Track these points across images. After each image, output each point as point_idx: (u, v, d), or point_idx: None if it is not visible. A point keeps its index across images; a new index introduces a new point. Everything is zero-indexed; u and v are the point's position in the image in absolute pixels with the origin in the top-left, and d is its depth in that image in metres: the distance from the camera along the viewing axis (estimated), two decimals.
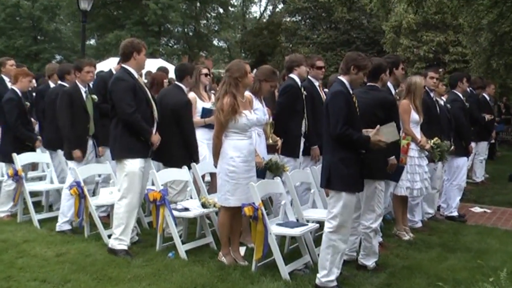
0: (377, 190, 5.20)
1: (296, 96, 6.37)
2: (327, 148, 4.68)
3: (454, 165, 7.84)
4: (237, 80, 5.13)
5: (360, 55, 4.73)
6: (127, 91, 5.48)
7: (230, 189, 5.14)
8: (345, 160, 4.55)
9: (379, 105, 5.20)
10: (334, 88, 4.65)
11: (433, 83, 7.19)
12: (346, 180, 4.56)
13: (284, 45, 32.67)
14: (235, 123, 5.09)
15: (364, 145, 4.58)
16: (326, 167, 4.64)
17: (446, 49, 21.07)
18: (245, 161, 5.19)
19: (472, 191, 9.82)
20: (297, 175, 5.93)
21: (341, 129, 4.45)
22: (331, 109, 4.53)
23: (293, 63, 6.48)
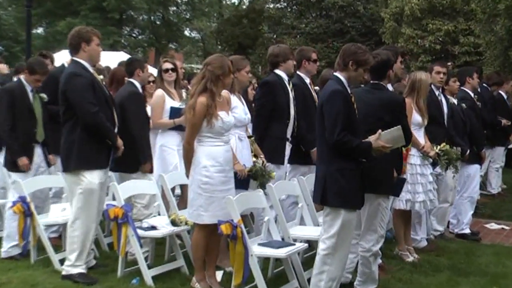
0: (381, 207, 5.24)
1: (276, 93, 6.44)
2: (322, 157, 4.72)
3: (465, 174, 7.90)
4: (218, 78, 5.18)
5: (361, 48, 4.78)
6: (86, 88, 5.47)
7: (203, 203, 5.16)
8: (343, 171, 4.60)
9: (386, 107, 5.22)
10: (330, 87, 4.70)
11: (439, 78, 7.24)
12: (345, 195, 4.60)
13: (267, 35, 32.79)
14: (210, 127, 5.13)
15: (366, 153, 4.64)
16: (320, 179, 4.68)
17: (456, 40, 21.27)
18: (221, 170, 5.21)
19: (487, 204, 9.95)
20: (282, 187, 5.97)
21: (339, 135, 4.49)
22: (327, 112, 4.57)
23: (277, 57, 6.55)
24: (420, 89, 6.50)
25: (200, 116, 5.08)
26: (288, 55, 6.56)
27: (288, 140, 6.54)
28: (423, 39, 21.50)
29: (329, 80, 4.88)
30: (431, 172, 6.63)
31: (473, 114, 7.97)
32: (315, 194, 4.84)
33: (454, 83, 7.65)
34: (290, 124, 6.54)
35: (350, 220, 4.68)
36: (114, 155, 5.72)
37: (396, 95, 5.68)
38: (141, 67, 6.51)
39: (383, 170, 5.16)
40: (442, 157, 6.71)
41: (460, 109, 7.64)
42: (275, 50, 6.63)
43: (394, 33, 22.06)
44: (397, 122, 5.01)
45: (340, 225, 4.63)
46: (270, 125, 6.41)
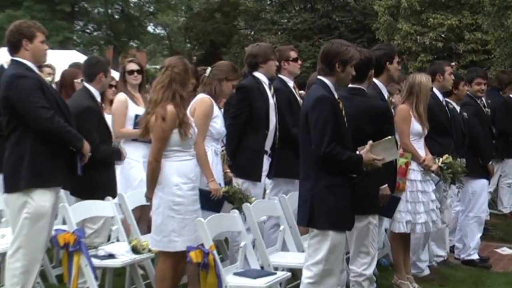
0: (371, 225, 5.32)
1: (254, 99, 6.47)
2: (307, 173, 4.76)
3: (469, 190, 7.91)
4: (185, 82, 5.27)
5: (342, 45, 4.84)
6: (34, 91, 5.30)
7: (177, 227, 5.18)
8: (332, 188, 4.66)
9: (367, 116, 5.32)
10: (315, 92, 4.76)
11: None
12: (334, 215, 4.65)
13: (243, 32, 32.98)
14: (182, 139, 5.17)
15: (356, 167, 4.70)
16: (306, 198, 4.72)
17: (461, 36, 21.56)
18: (193, 188, 5.26)
19: (498, 225, 9.99)
20: (261, 207, 5.99)
21: (328, 147, 4.55)
22: (313, 121, 4.63)
23: (256, 58, 6.59)
24: (419, 93, 6.55)
25: (172, 128, 5.12)
26: (268, 55, 6.60)
27: (266, 153, 6.57)
28: (422, 35, 21.76)
29: (313, 85, 4.95)
30: (434, 188, 6.68)
31: (477, 121, 8.03)
32: (300, 215, 4.87)
33: (464, 88, 7.76)
34: (270, 135, 6.57)
35: (339, 242, 4.73)
36: (81, 163, 5.65)
37: (377, 102, 5.71)
38: (105, 72, 6.43)
39: (371, 188, 5.24)
40: (446, 171, 6.75)
41: (462, 118, 7.70)
42: (254, 49, 6.67)
43: (389, 29, 22.29)
44: (381, 132, 5.10)
45: (328, 249, 4.67)
46: (246, 136, 6.44)
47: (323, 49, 4.91)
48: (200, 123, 5.73)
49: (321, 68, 4.86)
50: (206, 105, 5.92)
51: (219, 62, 6.53)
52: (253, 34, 33.52)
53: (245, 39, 33.55)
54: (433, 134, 6.83)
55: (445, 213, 7.40)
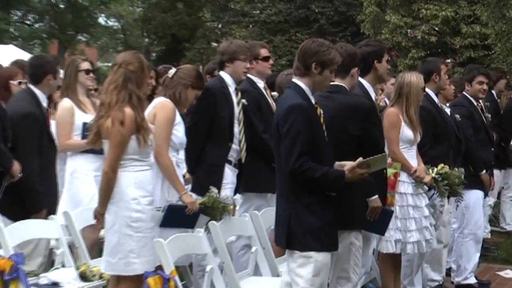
0: (353, 247, 5.33)
1: (218, 104, 6.48)
2: (284, 190, 4.81)
3: (462, 203, 7.91)
4: (141, 82, 5.26)
5: (323, 45, 4.90)
6: None
7: (135, 247, 5.14)
8: (312, 207, 4.71)
9: (349, 115, 5.35)
10: (288, 99, 4.80)
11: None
12: (316, 235, 4.71)
13: (209, 25, 33.01)
14: (140, 147, 5.15)
15: (334, 184, 4.76)
16: (283, 218, 4.77)
17: (457, 29, 21.75)
18: (151, 202, 5.26)
19: (501, 245, 10.09)
20: (230, 225, 5.99)
21: (296, 163, 4.60)
22: (284, 132, 4.68)
23: (222, 55, 6.61)
24: (409, 95, 6.60)
25: (130, 133, 5.11)
26: (236, 53, 6.59)
27: (231, 163, 6.58)
28: (413, 29, 21.93)
29: (286, 90, 4.99)
30: (427, 203, 6.71)
31: (469, 124, 8.10)
32: (278, 235, 4.91)
33: (449, 87, 7.79)
34: (235, 147, 6.59)
35: (324, 264, 4.78)
36: (6, 183, 5.61)
37: (362, 99, 5.76)
38: (54, 73, 6.42)
39: (354, 199, 5.25)
40: (441, 183, 6.77)
41: (454, 121, 7.78)
42: (222, 46, 6.78)
43: (376, 22, 22.44)
44: (366, 135, 5.17)
45: (312, 272, 4.72)
46: (205, 148, 6.46)
47: (301, 46, 4.96)
48: (163, 130, 5.74)
49: (296, 66, 4.91)
50: (169, 109, 5.91)
51: (185, 65, 6.54)
52: (220, 27, 33.57)
53: (212, 32, 33.64)
54: (431, 141, 6.92)
55: (442, 231, 7.44)
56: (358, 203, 5.41)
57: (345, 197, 5.01)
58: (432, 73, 7.26)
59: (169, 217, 5.59)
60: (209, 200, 5.86)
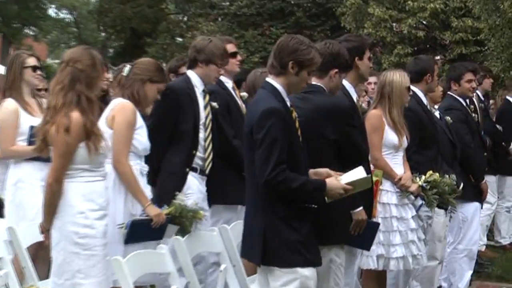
0: (333, 264, 5.34)
1: (182, 106, 6.46)
2: (257, 202, 4.80)
3: (459, 216, 8.05)
4: (93, 82, 5.21)
5: (303, 43, 4.91)
6: None
7: (83, 266, 5.10)
8: (290, 220, 4.73)
9: (326, 117, 5.37)
10: (263, 102, 4.79)
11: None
12: (296, 249, 4.73)
13: (173, 18, 32.96)
14: (90, 155, 5.11)
15: (314, 195, 4.78)
16: (257, 232, 4.78)
17: (447, 23, 21.91)
18: (102, 216, 5.21)
19: (495, 260, 10.20)
20: (196, 241, 5.98)
21: (271, 173, 4.61)
22: (258, 139, 4.68)
23: (199, 53, 6.56)
24: (392, 95, 6.64)
25: (77, 140, 5.06)
26: (214, 57, 6.55)
27: (196, 171, 6.55)
28: (399, 22, 22.05)
29: (259, 90, 4.99)
30: (414, 215, 6.73)
31: (464, 128, 8.17)
32: (249, 250, 4.92)
33: (437, 88, 7.79)
34: (200, 155, 6.56)
35: (311, 280, 4.80)
36: None
37: (340, 100, 5.76)
38: None
39: (335, 210, 5.23)
40: (430, 192, 6.79)
41: (445, 125, 7.82)
42: (202, 42, 6.67)
43: (358, 15, 22.55)
44: (345, 139, 5.20)
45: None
46: (166, 155, 6.44)
47: (278, 42, 4.97)
48: (122, 135, 5.69)
49: (271, 64, 4.92)
50: (128, 112, 5.84)
51: (141, 59, 6.47)
52: (186, 20, 33.56)
53: (176, 26, 33.59)
54: (417, 145, 6.94)
55: (437, 246, 7.47)
56: (338, 216, 5.40)
57: (323, 209, 4.99)
58: (426, 73, 7.29)
59: (134, 233, 5.58)
60: (176, 209, 5.85)
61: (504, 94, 11.33)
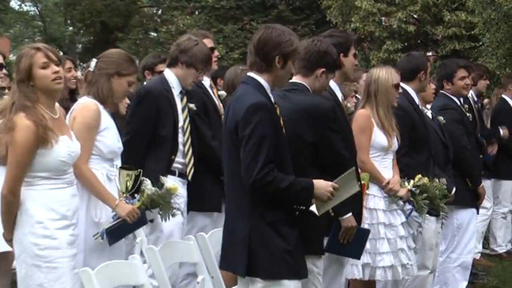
0: (311, 274, 5.35)
1: (161, 109, 6.47)
2: (241, 205, 4.81)
3: (453, 223, 8.12)
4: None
5: (283, 34, 4.93)
6: None
7: (45, 280, 5.06)
8: (279, 226, 4.74)
9: (305, 118, 5.40)
10: (248, 97, 4.81)
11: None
12: (285, 259, 4.74)
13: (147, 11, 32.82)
14: (43, 160, 5.06)
15: (303, 196, 4.80)
16: (241, 239, 4.77)
17: (439, 17, 21.93)
18: (66, 226, 5.16)
19: (491, 270, 10.23)
20: (171, 250, 5.98)
21: (260, 173, 4.61)
22: (245, 136, 4.69)
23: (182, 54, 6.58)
24: (377, 93, 6.70)
25: (29, 145, 4.98)
26: (197, 61, 6.54)
27: (175, 174, 6.56)
28: (388, 16, 22.07)
29: (241, 85, 5.01)
30: (403, 221, 6.76)
31: (461, 129, 8.22)
32: (231, 261, 4.91)
33: (430, 85, 7.83)
34: (179, 160, 6.59)
35: None
36: None
37: (321, 100, 5.78)
38: None
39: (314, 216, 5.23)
40: (419, 197, 6.81)
41: (438, 125, 7.86)
42: (185, 42, 6.67)
43: (344, 8, 22.53)
44: (324, 143, 5.27)
45: None
46: (146, 161, 6.44)
47: (259, 36, 4.96)
48: (81, 138, 5.54)
49: (255, 61, 4.93)
50: (88, 112, 5.78)
51: (108, 50, 6.36)
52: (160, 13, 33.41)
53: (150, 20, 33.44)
54: (407, 147, 6.98)
55: (428, 255, 7.47)
56: (318, 223, 5.40)
57: (302, 215, 5.03)
58: (420, 71, 7.35)
59: (113, 237, 5.61)
60: (146, 199, 5.82)
61: (500, 92, 11.37)
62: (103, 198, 5.73)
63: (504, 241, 11.23)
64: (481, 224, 10.16)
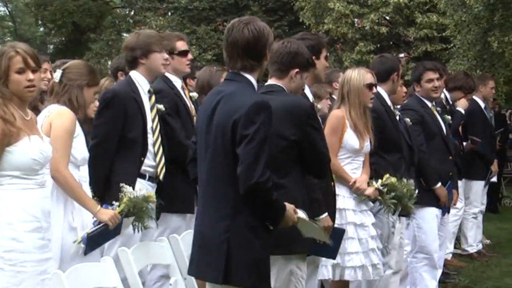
0: (294, 277, 5.37)
1: (128, 112, 6.44)
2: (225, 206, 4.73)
3: (413, 223, 8.16)
4: (7, 77, 5.07)
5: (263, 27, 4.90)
6: None
7: (8, 284, 4.96)
8: (259, 231, 4.70)
9: (286, 116, 5.39)
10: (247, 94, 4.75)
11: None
12: (263, 265, 4.73)
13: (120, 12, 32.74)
14: (13, 158, 5.02)
15: (279, 216, 4.76)
16: (218, 244, 4.69)
17: (411, 19, 22.07)
18: (36, 229, 5.08)
19: (463, 270, 10.32)
20: (143, 252, 5.96)
21: (262, 177, 4.52)
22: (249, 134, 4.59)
23: (134, 51, 6.55)
24: (349, 94, 6.72)
25: None
26: (150, 45, 6.52)
27: (144, 177, 6.54)
28: (361, 18, 22.15)
29: (228, 82, 4.98)
30: (374, 222, 6.80)
31: (417, 130, 8.22)
32: (204, 267, 4.85)
33: (401, 88, 7.91)
34: (148, 162, 6.56)
35: None
36: None
37: (300, 98, 5.81)
38: None
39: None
40: (387, 195, 6.82)
41: (404, 127, 7.88)
42: (130, 40, 6.70)
43: (317, 10, 22.60)
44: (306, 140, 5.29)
45: None
46: (114, 166, 6.42)
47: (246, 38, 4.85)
48: (61, 142, 5.61)
49: (248, 64, 4.85)
50: (67, 118, 5.80)
51: (71, 62, 6.34)
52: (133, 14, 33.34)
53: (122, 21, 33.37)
54: (379, 149, 7.03)
55: (393, 255, 7.48)
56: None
57: None
58: (393, 72, 7.39)
59: (91, 244, 5.61)
60: (128, 204, 5.84)
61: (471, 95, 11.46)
62: (84, 203, 5.74)
63: (475, 241, 11.32)
64: (452, 224, 10.21)
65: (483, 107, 11.36)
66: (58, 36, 36.10)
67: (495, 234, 12.83)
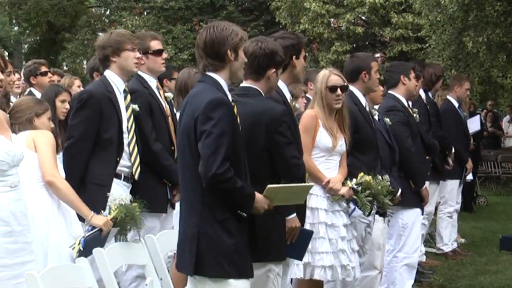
0: (272, 273, 5.41)
1: (103, 112, 6.43)
2: (191, 203, 4.82)
3: (399, 223, 8.18)
4: None
5: (226, 28, 4.95)
6: None
7: None
8: (228, 224, 4.75)
9: (257, 122, 5.42)
10: (206, 93, 4.82)
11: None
12: (232, 258, 4.75)
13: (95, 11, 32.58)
14: None
15: (248, 203, 4.81)
16: (190, 237, 4.78)
17: (387, 19, 22.12)
18: (7, 233, 5.08)
19: (438, 269, 10.35)
20: (118, 252, 5.95)
21: (220, 168, 4.62)
22: (206, 131, 4.69)
23: (105, 49, 6.55)
24: (316, 95, 6.73)
25: None
26: (121, 43, 6.53)
27: (120, 177, 6.55)
28: (337, 18, 22.17)
29: (198, 84, 5.03)
30: (348, 223, 6.79)
31: (406, 131, 8.28)
32: (182, 260, 4.91)
33: (378, 87, 7.83)
34: (124, 162, 6.57)
35: None
36: None
37: (272, 104, 5.77)
38: None
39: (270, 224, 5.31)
40: (362, 194, 6.80)
41: (384, 126, 7.89)
42: (101, 39, 6.69)
43: (293, 9, 22.62)
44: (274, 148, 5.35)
45: None
46: (89, 166, 6.41)
47: (204, 39, 4.95)
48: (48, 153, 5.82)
49: (207, 63, 4.93)
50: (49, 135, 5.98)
51: (16, 103, 6.48)
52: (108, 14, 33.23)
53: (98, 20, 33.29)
54: (353, 149, 7.01)
55: (376, 255, 7.53)
56: (276, 229, 5.49)
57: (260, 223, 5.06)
58: (361, 71, 7.34)
59: (85, 249, 5.63)
60: (120, 211, 5.87)
61: (444, 94, 11.49)
62: (79, 208, 5.80)
63: (450, 240, 11.34)
64: (421, 227, 10.24)
65: (456, 107, 11.38)
66: (33, 36, 35.90)
67: (470, 233, 12.86)
